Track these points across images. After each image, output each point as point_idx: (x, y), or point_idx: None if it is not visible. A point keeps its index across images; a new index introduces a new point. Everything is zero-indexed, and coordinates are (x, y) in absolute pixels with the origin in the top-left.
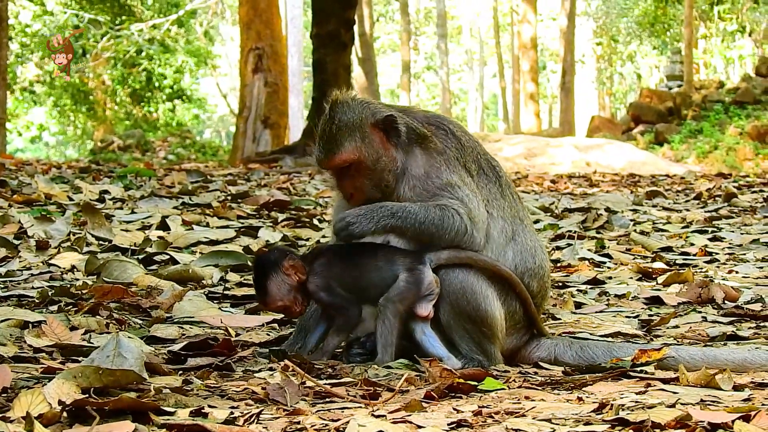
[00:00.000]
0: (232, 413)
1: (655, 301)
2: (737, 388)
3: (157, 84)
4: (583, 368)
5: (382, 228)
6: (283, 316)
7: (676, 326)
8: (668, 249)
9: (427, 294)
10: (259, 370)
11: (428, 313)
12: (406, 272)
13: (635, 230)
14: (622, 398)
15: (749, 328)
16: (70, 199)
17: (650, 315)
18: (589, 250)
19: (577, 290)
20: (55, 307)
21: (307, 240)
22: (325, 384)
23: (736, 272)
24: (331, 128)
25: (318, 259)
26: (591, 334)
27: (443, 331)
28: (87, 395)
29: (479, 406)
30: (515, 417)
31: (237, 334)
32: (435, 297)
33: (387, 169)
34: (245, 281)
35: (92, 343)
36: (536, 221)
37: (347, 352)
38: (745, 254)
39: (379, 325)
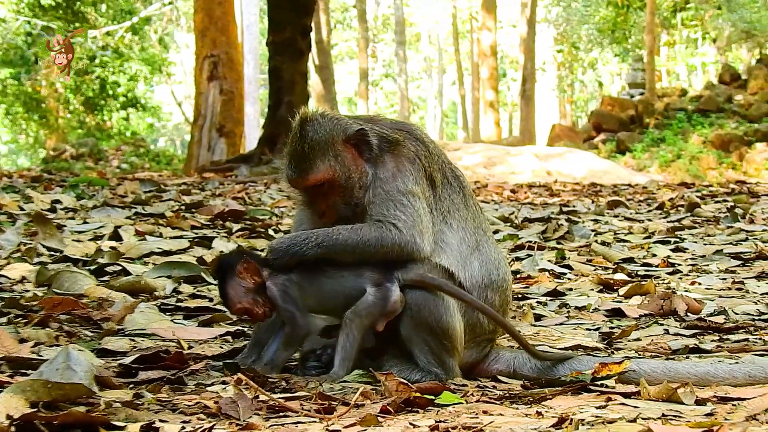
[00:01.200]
0: (183, 428)
1: (617, 313)
2: (699, 402)
3: (110, 92)
4: (542, 382)
5: (309, 258)
6: (249, 323)
7: (638, 339)
8: (630, 260)
9: (390, 312)
10: (212, 384)
11: (381, 329)
12: (374, 287)
13: (596, 241)
14: (582, 412)
15: (712, 340)
16: (21, 209)
17: (611, 327)
18: (549, 261)
19: (537, 302)
20: (4, 319)
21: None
22: (279, 398)
23: (699, 284)
24: (303, 147)
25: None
26: (551, 347)
27: (402, 344)
28: (36, 409)
29: (436, 421)
30: (473, 431)
31: (189, 347)
32: (394, 316)
33: (358, 185)
34: (198, 293)
35: (42, 356)
36: (496, 231)
37: (302, 365)
38: (708, 265)
39: (342, 338)
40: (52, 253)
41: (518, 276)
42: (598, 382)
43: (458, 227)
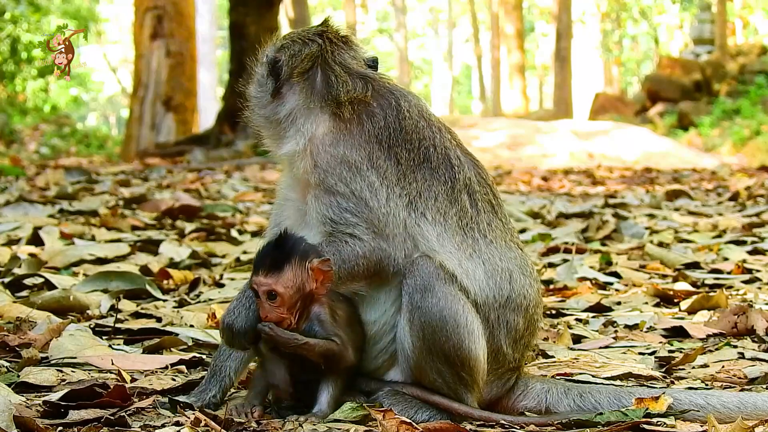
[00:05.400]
0: None
1: (678, 332)
2: None
3: (24, 55)
4: (582, 421)
5: None
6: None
7: (705, 365)
8: (695, 265)
9: None
10: (162, 426)
11: None
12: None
13: (651, 241)
14: None
15: None
16: None
17: (671, 351)
18: (591, 267)
19: (576, 320)
20: None
21: (223, 257)
22: None
23: None
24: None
25: None
26: (593, 376)
27: (410, 372)
28: None
29: None
30: None
31: (133, 379)
32: None
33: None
34: (143, 311)
35: None
36: (522, 230)
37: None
38: None
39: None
40: None
41: (552, 287)
42: (655, 420)
43: (434, 220)
